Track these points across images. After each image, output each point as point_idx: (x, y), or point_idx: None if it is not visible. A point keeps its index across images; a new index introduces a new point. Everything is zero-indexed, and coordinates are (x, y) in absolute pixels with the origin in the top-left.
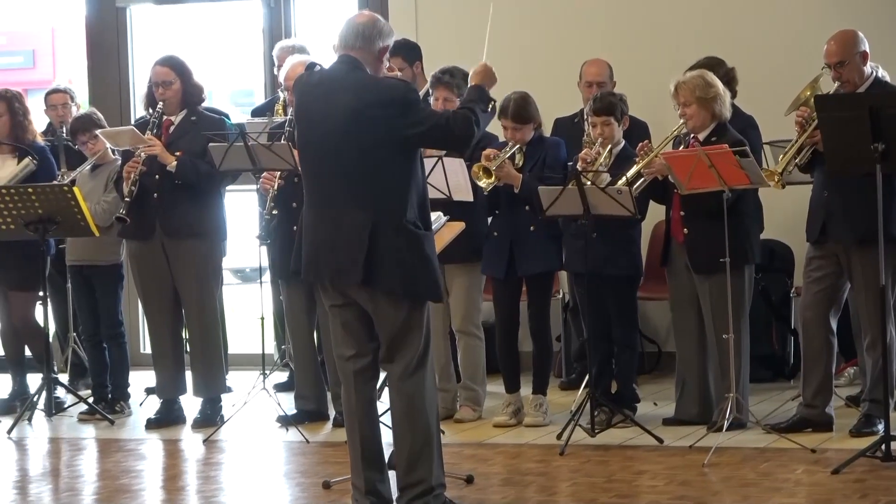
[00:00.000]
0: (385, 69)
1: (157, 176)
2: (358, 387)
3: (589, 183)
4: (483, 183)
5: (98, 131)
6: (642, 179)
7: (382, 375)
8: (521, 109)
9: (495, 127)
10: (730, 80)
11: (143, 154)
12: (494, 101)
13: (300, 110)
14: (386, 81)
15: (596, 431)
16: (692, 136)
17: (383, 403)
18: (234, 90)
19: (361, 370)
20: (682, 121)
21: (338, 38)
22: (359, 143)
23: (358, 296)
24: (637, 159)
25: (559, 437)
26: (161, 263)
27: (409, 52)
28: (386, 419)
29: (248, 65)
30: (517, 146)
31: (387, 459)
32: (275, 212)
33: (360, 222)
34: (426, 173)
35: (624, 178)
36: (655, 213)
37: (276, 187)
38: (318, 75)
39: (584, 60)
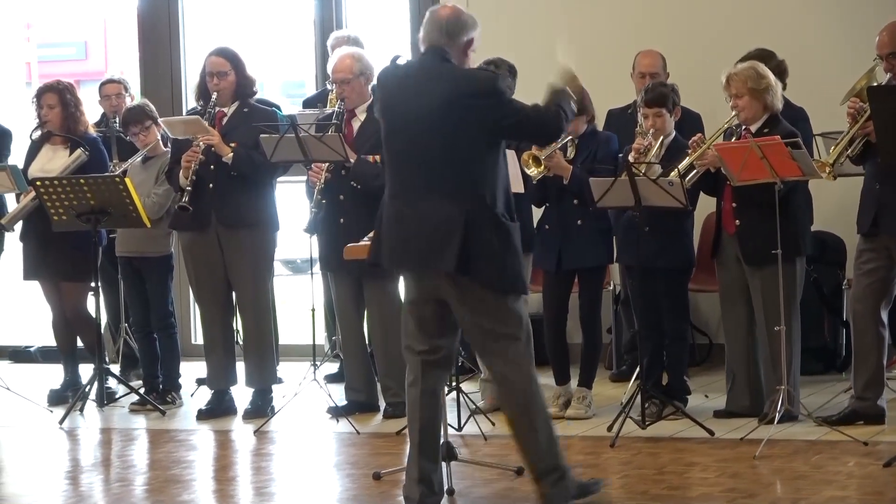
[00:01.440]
0: (469, 62)
1: (212, 166)
2: (424, 377)
3: (640, 174)
4: (532, 171)
5: (161, 119)
6: (695, 171)
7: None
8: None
9: None
10: (781, 72)
11: (201, 144)
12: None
13: (386, 102)
14: (477, 72)
15: (646, 423)
16: (744, 127)
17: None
18: (285, 81)
19: (431, 362)
20: (734, 112)
21: (422, 31)
22: (450, 133)
23: (444, 289)
24: (689, 151)
25: (610, 429)
26: (215, 254)
27: None
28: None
29: (299, 56)
30: (569, 137)
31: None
32: (323, 202)
33: (453, 213)
34: None
35: (676, 170)
36: (706, 205)
37: (322, 181)
38: (406, 67)
39: (637, 51)
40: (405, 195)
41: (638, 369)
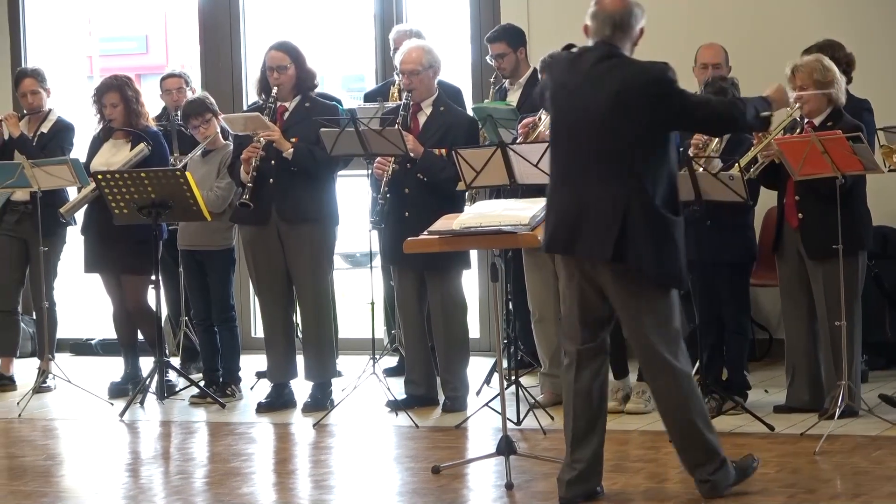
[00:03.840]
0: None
1: (273, 161)
2: (579, 370)
3: (701, 169)
4: None
5: (221, 116)
6: (759, 163)
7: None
8: None
9: None
10: (849, 63)
11: (262, 140)
12: (770, 116)
13: (558, 89)
14: (647, 64)
15: None
16: (807, 120)
17: None
18: (345, 75)
19: (584, 352)
20: (797, 105)
21: (590, 23)
22: (619, 124)
23: (602, 277)
24: (754, 142)
25: None
26: (276, 248)
27: (512, 37)
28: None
29: (359, 50)
30: None
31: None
32: (388, 194)
33: (613, 202)
34: (538, 159)
35: (736, 164)
36: (767, 199)
37: (389, 172)
38: (577, 56)
39: (699, 44)
40: (569, 182)
41: (698, 364)
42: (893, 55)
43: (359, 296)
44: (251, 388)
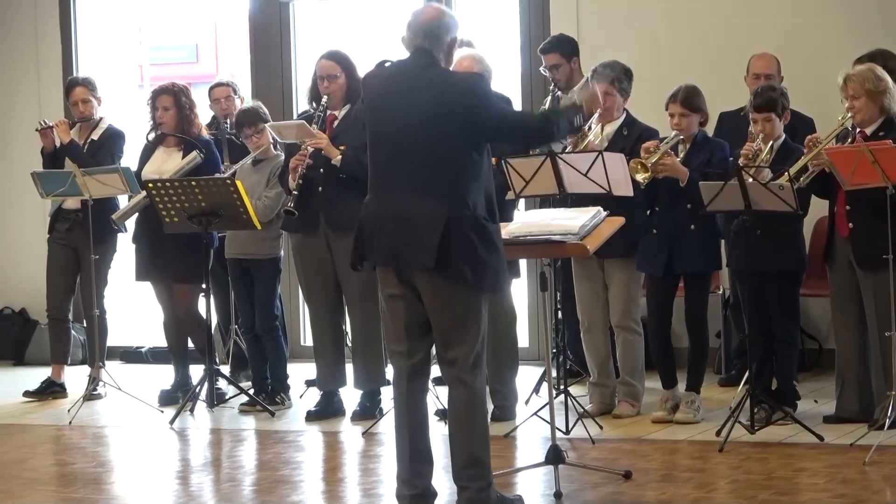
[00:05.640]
0: (453, 60)
1: (321, 169)
2: (410, 382)
3: (751, 179)
4: (640, 177)
5: (268, 124)
6: (810, 171)
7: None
8: (690, 96)
9: (661, 118)
10: None
11: (309, 148)
12: (583, 124)
13: (373, 104)
14: (461, 75)
15: (755, 428)
16: (859, 130)
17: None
18: None
19: (414, 365)
20: (848, 114)
21: (405, 33)
22: (435, 136)
23: (421, 284)
24: (805, 151)
25: (718, 433)
26: (324, 256)
27: (566, 47)
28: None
29: None
30: (680, 137)
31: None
32: None
33: (435, 213)
34: (587, 168)
35: (786, 174)
36: (819, 208)
37: None
38: (392, 70)
39: (750, 54)
40: (389, 195)
41: (747, 374)
42: None
43: None
44: (300, 397)
